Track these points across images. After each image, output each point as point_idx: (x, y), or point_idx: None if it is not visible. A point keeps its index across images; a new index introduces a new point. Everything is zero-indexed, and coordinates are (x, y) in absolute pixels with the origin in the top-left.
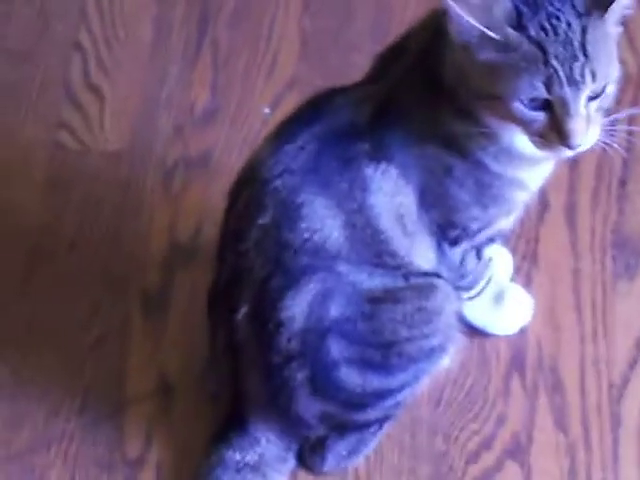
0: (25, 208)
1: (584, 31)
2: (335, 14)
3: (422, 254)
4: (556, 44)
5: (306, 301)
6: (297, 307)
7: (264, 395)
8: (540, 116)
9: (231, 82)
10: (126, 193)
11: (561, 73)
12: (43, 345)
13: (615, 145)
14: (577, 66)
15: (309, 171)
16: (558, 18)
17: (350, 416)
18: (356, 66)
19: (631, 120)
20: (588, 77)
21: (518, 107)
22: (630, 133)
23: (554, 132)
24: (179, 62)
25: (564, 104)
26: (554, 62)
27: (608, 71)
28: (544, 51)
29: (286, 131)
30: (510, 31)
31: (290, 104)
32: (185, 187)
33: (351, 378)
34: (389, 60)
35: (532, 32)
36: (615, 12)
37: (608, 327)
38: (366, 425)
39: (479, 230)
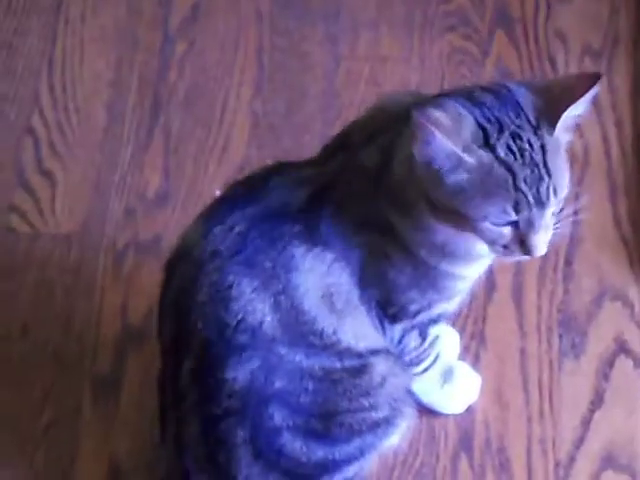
0: None
1: (543, 150)
2: (285, 97)
3: (355, 331)
4: (523, 167)
5: (249, 370)
6: (240, 372)
7: (207, 463)
8: (505, 232)
9: (183, 166)
10: (77, 276)
11: (530, 197)
12: None
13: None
14: (543, 188)
15: (236, 252)
16: (520, 137)
17: None
18: (307, 147)
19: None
20: (552, 196)
21: (485, 226)
22: (576, 213)
23: (517, 244)
24: (131, 146)
25: (530, 223)
26: (523, 186)
27: (565, 182)
28: (513, 174)
29: (218, 211)
30: (482, 153)
31: None
32: (136, 270)
33: (294, 446)
34: (332, 148)
35: (501, 153)
36: (565, 123)
37: (554, 406)
38: None
39: (418, 312)
